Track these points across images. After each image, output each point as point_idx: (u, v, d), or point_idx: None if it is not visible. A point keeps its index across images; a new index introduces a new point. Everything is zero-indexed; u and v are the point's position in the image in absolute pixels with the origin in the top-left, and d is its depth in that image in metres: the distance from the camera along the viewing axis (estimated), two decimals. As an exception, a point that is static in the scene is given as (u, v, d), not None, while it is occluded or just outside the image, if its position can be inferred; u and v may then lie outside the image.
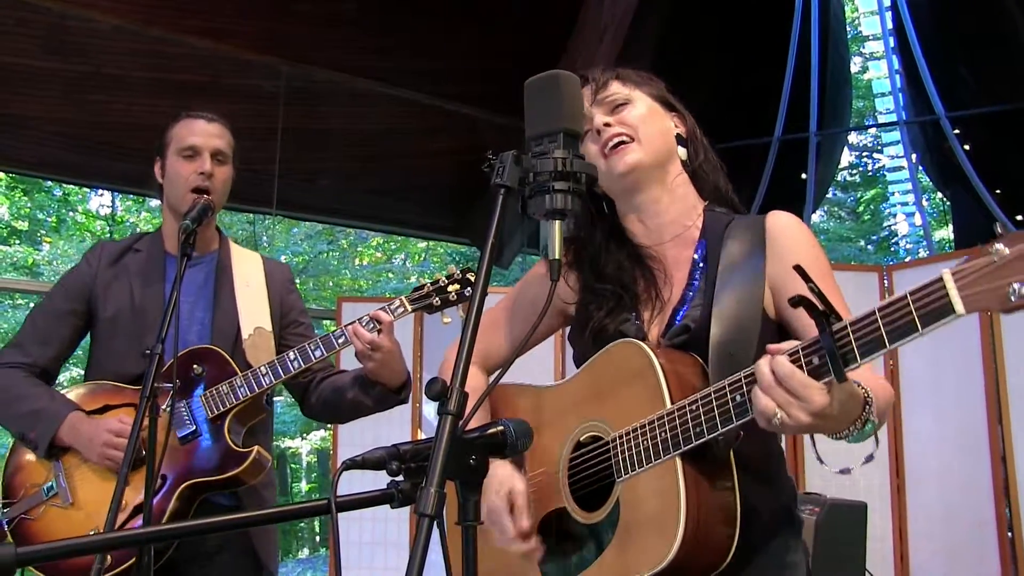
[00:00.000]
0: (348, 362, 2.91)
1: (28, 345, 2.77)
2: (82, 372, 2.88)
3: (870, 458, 1.52)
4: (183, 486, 2.59)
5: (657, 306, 1.85)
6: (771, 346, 1.45)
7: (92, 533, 2.59)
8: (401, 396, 2.79)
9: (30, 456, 2.71)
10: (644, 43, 8.63)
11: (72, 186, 16.42)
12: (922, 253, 17.66)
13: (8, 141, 7.88)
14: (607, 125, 1.85)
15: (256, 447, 2.65)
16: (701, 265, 1.84)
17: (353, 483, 1.30)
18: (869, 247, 20.56)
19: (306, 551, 18.34)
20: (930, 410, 4.65)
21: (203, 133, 2.78)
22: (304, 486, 20.48)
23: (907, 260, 15.55)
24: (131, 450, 2.21)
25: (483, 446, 1.26)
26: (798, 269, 1.38)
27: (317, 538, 18.44)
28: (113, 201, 17.96)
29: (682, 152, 1.91)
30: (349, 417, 2.94)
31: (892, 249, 20.21)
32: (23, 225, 17.13)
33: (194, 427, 2.65)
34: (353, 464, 1.20)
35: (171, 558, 2.52)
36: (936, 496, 4.58)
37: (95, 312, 2.79)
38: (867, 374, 1.54)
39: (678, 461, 1.60)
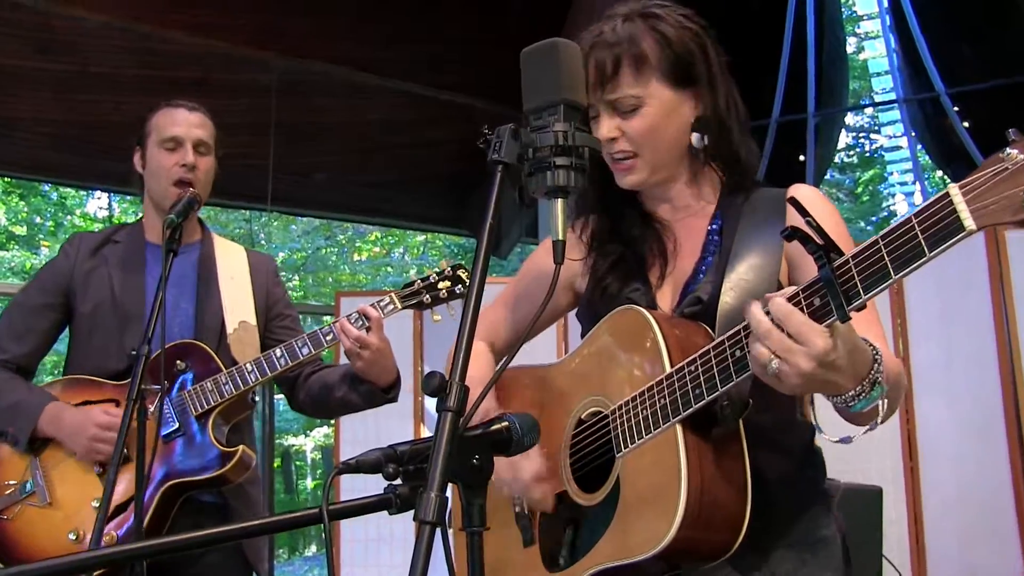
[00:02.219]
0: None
1: (3, 341, 2.69)
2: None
3: (873, 426, 1.41)
4: (166, 485, 2.53)
5: (666, 273, 1.75)
6: (768, 294, 1.34)
7: (71, 537, 2.53)
8: (390, 395, 2.72)
9: (5, 452, 2.62)
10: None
11: (69, 189, 16.36)
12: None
13: (-1, 144, 7.80)
14: (612, 140, 1.71)
15: (241, 446, 2.58)
16: (716, 238, 1.74)
17: (356, 483, 1.21)
18: (868, 228, 20.48)
19: (313, 548, 18.29)
20: (943, 391, 4.56)
21: (185, 123, 2.71)
22: (309, 483, 20.45)
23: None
24: (119, 452, 2.13)
25: (487, 444, 1.15)
26: (791, 201, 1.29)
27: (324, 535, 18.37)
28: (110, 203, 17.88)
29: (696, 139, 1.74)
30: (338, 414, 2.90)
31: (892, 229, 20.15)
32: (21, 230, 17.07)
33: (177, 424, 2.59)
34: (347, 468, 1.11)
35: (158, 559, 2.45)
36: (951, 479, 4.50)
37: (73, 305, 2.71)
38: (882, 349, 1.44)
39: (679, 431, 1.49)
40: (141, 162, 2.76)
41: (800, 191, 1.73)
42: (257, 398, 2.78)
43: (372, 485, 1.16)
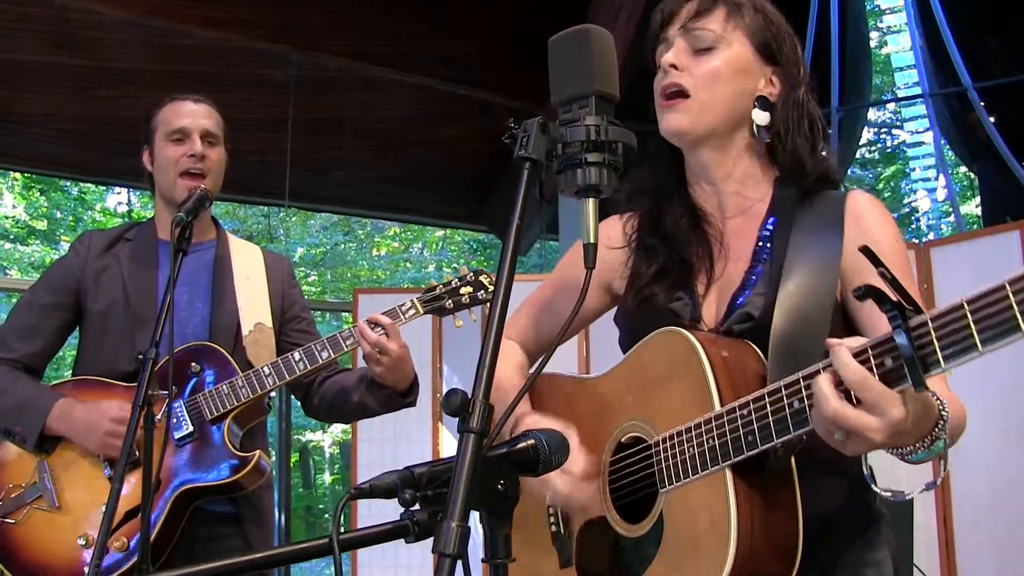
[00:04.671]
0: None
1: (11, 340, 2.62)
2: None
3: (932, 485, 1.31)
4: (179, 491, 2.45)
5: (713, 279, 1.65)
6: (832, 340, 1.24)
7: (80, 542, 2.46)
8: (408, 400, 2.67)
9: (12, 454, 2.55)
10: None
11: (88, 185, 16.41)
12: (944, 229, 17.37)
13: (17, 140, 7.76)
14: (673, 67, 1.62)
15: (258, 451, 2.51)
16: (768, 246, 1.62)
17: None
18: (891, 224, 20.28)
19: (331, 544, 18.27)
20: (975, 395, 4.43)
21: (191, 115, 2.66)
22: (327, 478, 20.45)
23: (950, 236, 15.11)
24: (125, 457, 2.05)
25: (512, 466, 1.06)
26: (864, 250, 1.16)
27: (342, 530, 18.34)
28: (129, 198, 17.89)
29: (761, 117, 1.64)
30: (353, 418, 2.86)
31: (913, 226, 19.90)
32: (41, 225, 17.12)
33: (191, 429, 2.51)
34: (359, 493, 1.02)
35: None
36: (983, 484, 4.38)
37: (84, 305, 2.64)
38: (939, 385, 1.34)
39: (728, 473, 1.39)
40: (150, 159, 2.72)
41: (857, 199, 1.63)
42: (272, 394, 2.71)
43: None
